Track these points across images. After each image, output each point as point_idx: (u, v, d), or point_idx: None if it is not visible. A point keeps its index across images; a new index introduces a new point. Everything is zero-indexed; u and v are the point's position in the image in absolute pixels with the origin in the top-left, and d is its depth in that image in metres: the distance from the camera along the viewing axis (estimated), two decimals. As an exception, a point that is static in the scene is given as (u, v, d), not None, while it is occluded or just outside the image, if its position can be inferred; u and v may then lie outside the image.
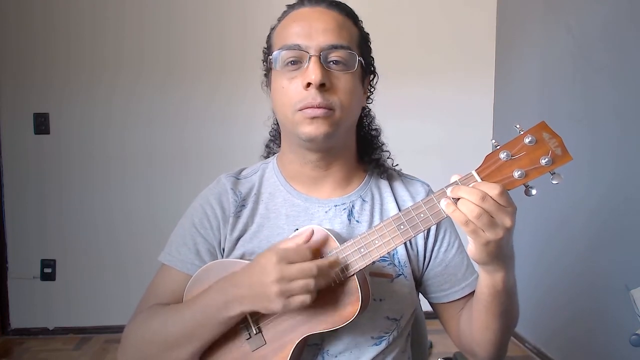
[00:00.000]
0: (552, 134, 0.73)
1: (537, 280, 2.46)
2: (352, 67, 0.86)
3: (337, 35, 0.85)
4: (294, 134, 0.88)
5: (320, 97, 0.83)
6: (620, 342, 1.77)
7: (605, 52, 2.05)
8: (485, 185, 0.71)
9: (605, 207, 2.05)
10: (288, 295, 0.74)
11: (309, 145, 0.88)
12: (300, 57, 0.85)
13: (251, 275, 0.77)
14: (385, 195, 0.97)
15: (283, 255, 0.75)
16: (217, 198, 0.95)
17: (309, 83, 0.82)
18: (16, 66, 2.69)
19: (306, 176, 0.94)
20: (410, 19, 2.85)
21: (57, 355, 2.58)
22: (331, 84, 0.84)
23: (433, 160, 2.68)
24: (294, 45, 0.85)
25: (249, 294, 0.77)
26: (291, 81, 0.85)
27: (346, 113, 0.86)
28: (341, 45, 0.85)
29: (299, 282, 0.74)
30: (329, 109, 0.84)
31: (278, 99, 0.88)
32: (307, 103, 0.83)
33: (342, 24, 0.88)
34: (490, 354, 0.90)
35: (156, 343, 0.85)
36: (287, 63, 0.86)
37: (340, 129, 0.87)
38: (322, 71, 0.83)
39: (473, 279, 0.96)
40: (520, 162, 0.73)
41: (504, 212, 0.70)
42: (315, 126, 0.84)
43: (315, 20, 0.86)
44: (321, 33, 0.85)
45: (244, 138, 2.62)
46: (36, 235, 2.77)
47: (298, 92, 0.84)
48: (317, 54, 0.84)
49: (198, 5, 2.75)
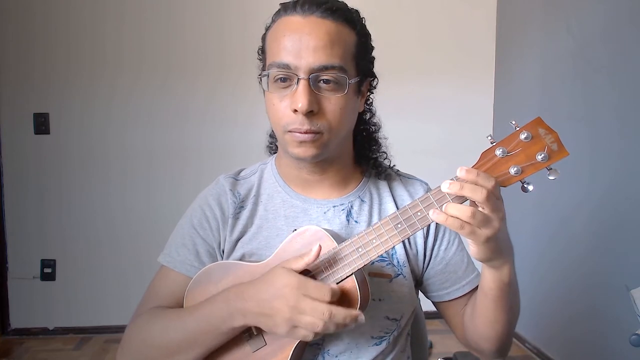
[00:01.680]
0: (547, 129, 0.72)
1: (537, 280, 2.46)
2: (343, 89, 0.83)
3: (328, 53, 0.81)
4: (284, 149, 0.88)
5: (308, 124, 0.82)
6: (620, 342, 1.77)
7: (605, 52, 2.05)
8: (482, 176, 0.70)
9: (605, 207, 2.05)
10: (294, 324, 0.74)
11: (299, 160, 0.89)
12: (289, 76, 0.83)
13: (263, 292, 0.76)
14: (384, 195, 0.97)
15: (303, 285, 0.74)
16: (216, 199, 0.95)
17: (296, 109, 0.81)
18: (16, 66, 2.69)
19: (302, 179, 0.94)
20: (410, 18, 2.85)
21: (57, 355, 2.58)
22: (320, 108, 0.82)
23: (433, 160, 2.67)
24: (283, 65, 0.82)
25: (256, 310, 0.76)
26: (281, 100, 0.84)
27: (335, 134, 0.85)
28: (332, 65, 0.81)
29: (309, 318, 0.73)
30: (317, 132, 0.83)
31: (270, 113, 0.87)
32: (295, 128, 0.82)
33: (337, 37, 0.83)
34: (498, 347, 0.90)
35: (157, 348, 0.85)
36: (277, 80, 0.84)
37: (329, 147, 0.86)
38: (310, 97, 0.80)
39: (474, 276, 0.96)
40: (516, 158, 0.72)
41: (497, 205, 0.70)
42: (303, 149, 0.84)
43: (307, 35, 0.81)
44: (312, 52, 0.80)
45: (244, 138, 2.63)
46: (36, 235, 2.77)
47: (287, 115, 0.83)
48: (306, 77, 0.81)
49: (198, 6, 2.75)
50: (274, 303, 0.74)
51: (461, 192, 0.70)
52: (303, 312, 0.73)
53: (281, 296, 0.74)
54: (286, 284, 0.74)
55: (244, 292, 0.79)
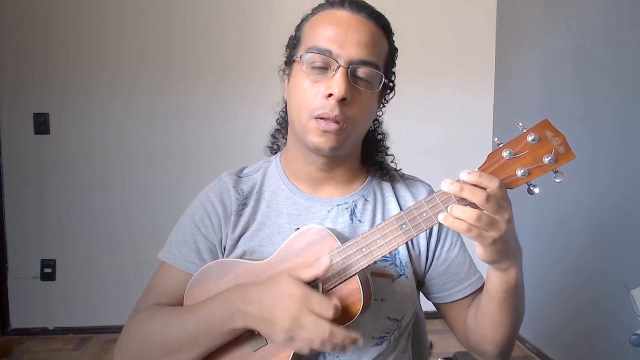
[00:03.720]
0: (555, 132, 0.72)
1: (538, 280, 2.46)
2: (376, 87, 0.86)
3: (369, 50, 0.84)
4: (302, 137, 0.88)
5: (338, 110, 0.82)
6: (620, 342, 1.77)
7: (605, 52, 2.04)
8: (485, 177, 0.70)
9: (605, 207, 2.05)
10: (292, 336, 0.73)
11: (315, 151, 0.88)
12: (328, 63, 0.83)
13: (265, 297, 0.75)
14: (387, 195, 0.97)
15: (308, 298, 0.72)
16: (219, 196, 0.95)
17: (331, 94, 0.82)
18: (16, 66, 2.69)
19: (309, 176, 0.94)
20: (410, 18, 2.85)
21: (57, 355, 2.58)
22: (352, 99, 0.83)
23: (433, 161, 2.67)
24: (325, 51, 0.83)
25: (256, 314, 0.76)
26: (314, 84, 0.84)
27: (358, 129, 0.87)
28: (371, 62, 0.84)
29: (308, 334, 0.71)
30: (343, 123, 0.83)
31: (295, 98, 0.87)
32: (325, 113, 0.82)
33: (377, 38, 0.86)
34: (502, 350, 0.90)
35: (156, 346, 0.84)
36: (313, 66, 0.84)
37: (348, 142, 0.87)
38: (347, 85, 0.82)
39: (476, 278, 0.96)
40: (523, 160, 0.72)
41: (501, 205, 0.70)
42: (325, 139, 0.84)
43: (352, 29, 0.84)
44: (355, 45, 0.83)
45: (244, 138, 2.63)
46: (36, 235, 2.77)
47: (318, 99, 0.83)
48: (346, 66, 0.82)
49: (198, 6, 2.75)
50: (276, 311, 0.73)
51: (461, 194, 0.70)
52: (303, 326, 0.71)
53: (284, 306, 0.73)
54: (290, 294, 0.73)
55: (246, 293, 0.78)
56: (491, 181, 0.70)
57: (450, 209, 0.70)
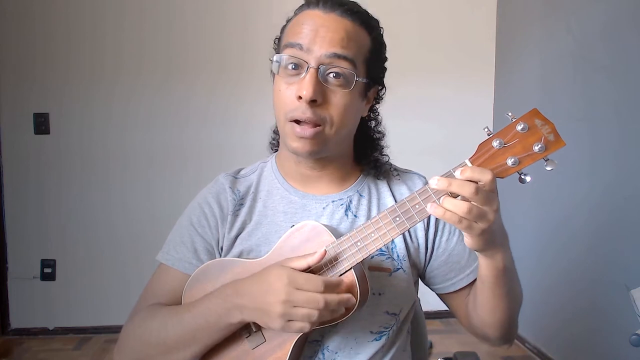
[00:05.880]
0: (544, 120, 0.73)
1: (537, 280, 2.46)
2: (350, 85, 0.84)
3: (342, 45, 0.83)
4: (284, 140, 0.89)
5: (310, 112, 0.82)
6: (620, 342, 1.77)
7: (605, 52, 2.05)
8: (477, 171, 0.71)
9: (605, 207, 2.05)
10: (289, 319, 0.75)
11: (296, 155, 0.89)
12: (299, 63, 0.84)
13: (257, 288, 0.77)
14: (382, 190, 0.97)
15: (293, 279, 0.75)
16: (216, 197, 0.95)
17: (301, 96, 0.82)
18: (16, 66, 2.69)
19: (301, 174, 0.94)
20: (410, 18, 2.85)
21: (57, 355, 2.58)
22: (324, 99, 0.83)
23: (433, 160, 2.66)
24: (296, 44, 0.84)
25: (251, 305, 0.77)
26: (288, 87, 0.85)
27: (337, 129, 0.86)
28: (344, 56, 0.83)
29: (303, 310, 0.74)
30: (318, 124, 0.83)
31: (275, 101, 0.88)
32: (297, 115, 0.83)
33: (352, 35, 0.85)
34: (502, 333, 0.92)
35: (155, 345, 0.85)
36: (288, 66, 0.85)
37: (329, 144, 0.87)
38: (316, 87, 0.81)
39: (477, 264, 0.96)
40: (513, 149, 0.73)
41: (489, 197, 0.71)
42: (302, 144, 0.85)
43: (324, 27, 0.83)
44: (326, 42, 0.82)
45: (244, 138, 2.63)
46: (36, 235, 2.77)
47: (291, 101, 0.84)
48: (316, 67, 0.82)
49: (198, 6, 2.75)
50: (267, 298, 0.75)
51: (450, 188, 0.70)
52: (296, 304, 0.73)
53: (273, 292, 0.75)
54: (277, 278, 0.75)
55: (239, 288, 0.79)
56: (484, 175, 0.70)
57: (442, 201, 0.71)
